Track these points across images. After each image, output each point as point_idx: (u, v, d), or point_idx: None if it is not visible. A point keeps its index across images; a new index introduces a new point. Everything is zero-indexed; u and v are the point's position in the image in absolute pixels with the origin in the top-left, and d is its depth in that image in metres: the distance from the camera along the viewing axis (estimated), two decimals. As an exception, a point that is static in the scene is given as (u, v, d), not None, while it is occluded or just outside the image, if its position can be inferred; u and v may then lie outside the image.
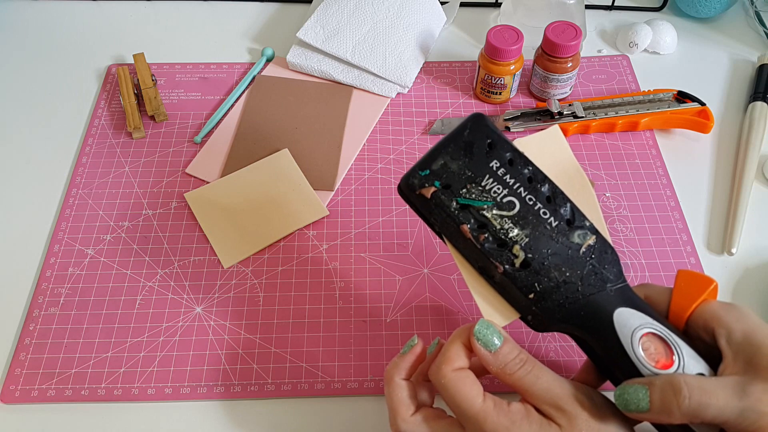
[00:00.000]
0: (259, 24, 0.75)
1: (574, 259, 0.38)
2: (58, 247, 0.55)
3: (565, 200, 0.39)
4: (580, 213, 0.39)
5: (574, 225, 0.38)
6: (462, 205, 0.38)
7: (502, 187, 0.38)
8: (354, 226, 0.56)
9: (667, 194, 0.59)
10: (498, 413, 0.35)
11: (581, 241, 0.38)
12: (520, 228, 0.37)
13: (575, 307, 0.37)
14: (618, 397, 0.35)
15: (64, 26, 0.75)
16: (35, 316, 0.51)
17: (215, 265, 0.54)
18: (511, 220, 0.38)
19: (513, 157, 0.39)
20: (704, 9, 0.72)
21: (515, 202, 0.38)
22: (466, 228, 0.37)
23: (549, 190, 0.39)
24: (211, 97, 0.67)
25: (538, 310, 0.37)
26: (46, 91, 0.68)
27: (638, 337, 0.36)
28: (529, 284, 0.37)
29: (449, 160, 0.38)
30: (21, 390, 0.48)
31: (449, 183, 0.38)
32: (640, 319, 0.37)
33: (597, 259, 0.38)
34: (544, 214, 0.38)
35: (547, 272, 0.37)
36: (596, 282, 0.38)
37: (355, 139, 0.63)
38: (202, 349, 0.49)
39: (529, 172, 0.39)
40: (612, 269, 0.38)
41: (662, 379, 0.34)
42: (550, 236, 0.38)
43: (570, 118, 0.62)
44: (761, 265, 0.54)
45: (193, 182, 0.60)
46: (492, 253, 0.37)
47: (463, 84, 0.68)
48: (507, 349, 0.37)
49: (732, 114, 0.65)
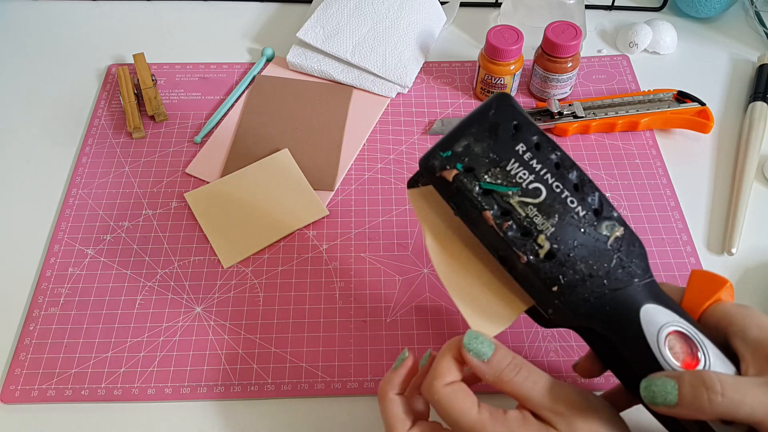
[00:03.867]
0: (259, 24, 0.75)
1: (602, 251, 0.36)
2: (58, 247, 0.55)
3: (594, 188, 0.36)
4: (608, 203, 0.37)
5: (602, 215, 0.36)
6: (485, 189, 0.36)
7: (528, 172, 0.36)
8: (354, 226, 0.56)
9: (667, 194, 0.59)
10: (494, 423, 0.35)
11: (609, 233, 0.36)
12: (546, 217, 0.35)
13: (600, 302, 0.35)
14: (644, 389, 0.34)
15: (64, 26, 0.75)
16: (35, 316, 0.51)
17: (215, 265, 0.54)
18: (536, 207, 0.36)
19: (540, 141, 0.37)
20: (704, 9, 0.72)
21: (541, 189, 0.36)
22: (489, 214, 0.36)
23: (577, 177, 0.37)
24: (211, 97, 0.67)
25: (561, 304, 0.36)
26: (46, 91, 0.68)
27: (665, 335, 0.35)
28: (553, 276, 0.35)
29: (473, 141, 0.36)
30: (21, 390, 0.48)
31: (472, 166, 0.36)
32: (667, 316, 0.35)
33: (625, 252, 0.36)
34: (571, 202, 0.36)
35: (572, 264, 0.35)
36: (623, 276, 0.36)
37: (355, 139, 0.63)
38: (202, 349, 0.49)
39: (557, 157, 0.37)
40: (640, 263, 0.36)
41: (693, 374, 0.33)
42: (577, 226, 0.36)
43: (570, 118, 0.62)
44: (761, 265, 0.54)
45: (193, 182, 0.60)
46: (515, 242, 0.35)
47: (463, 84, 0.68)
48: (500, 357, 0.36)
49: (732, 114, 0.65)
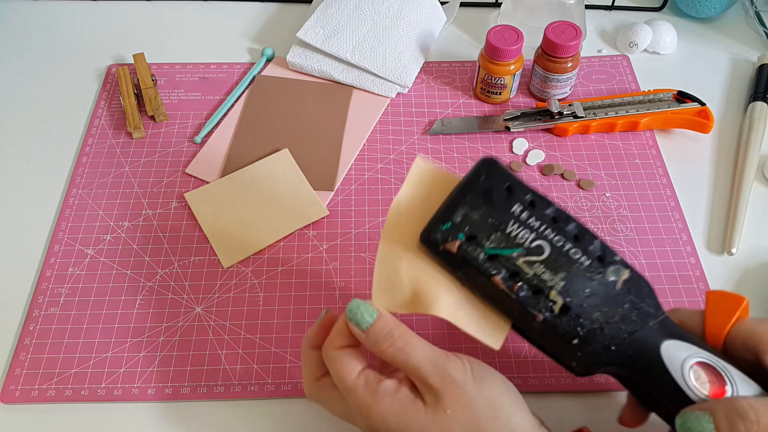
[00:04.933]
0: (259, 24, 0.75)
1: (613, 296, 0.36)
2: (58, 247, 0.55)
3: (593, 237, 0.37)
4: (609, 248, 0.37)
5: (606, 261, 0.37)
6: (490, 255, 0.36)
7: (528, 231, 0.37)
8: (354, 226, 0.56)
9: (667, 194, 0.59)
10: (366, 390, 0.36)
11: (617, 277, 0.36)
12: (554, 272, 0.36)
13: (621, 348, 0.36)
14: (680, 426, 0.34)
15: (64, 26, 0.75)
16: (35, 316, 0.51)
17: (215, 265, 0.54)
18: (543, 264, 0.36)
19: (533, 199, 0.37)
20: (704, 9, 0.72)
21: (544, 245, 0.36)
22: (498, 279, 0.36)
23: (575, 228, 0.37)
24: (211, 97, 0.67)
25: (584, 356, 0.36)
26: (46, 91, 0.68)
27: (688, 367, 0.35)
28: (571, 329, 0.35)
29: (469, 209, 0.37)
30: (21, 390, 0.48)
31: (474, 234, 0.37)
32: (687, 349, 0.36)
33: (635, 293, 0.37)
34: (574, 254, 0.36)
35: (588, 314, 0.35)
36: (638, 318, 0.36)
37: (355, 139, 0.63)
38: (202, 349, 0.49)
39: (552, 211, 0.37)
40: (651, 302, 0.37)
41: (724, 404, 0.33)
42: (585, 276, 0.36)
43: (570, 118, 0.62)
44: (761, 265, 0.54)
45: (193, 182, 0.60)
46: (528, 301, 0.35)
47: (463, 84, 0.68)
48: (378, 327, 0.36)
49: (732, 114, 0.65)
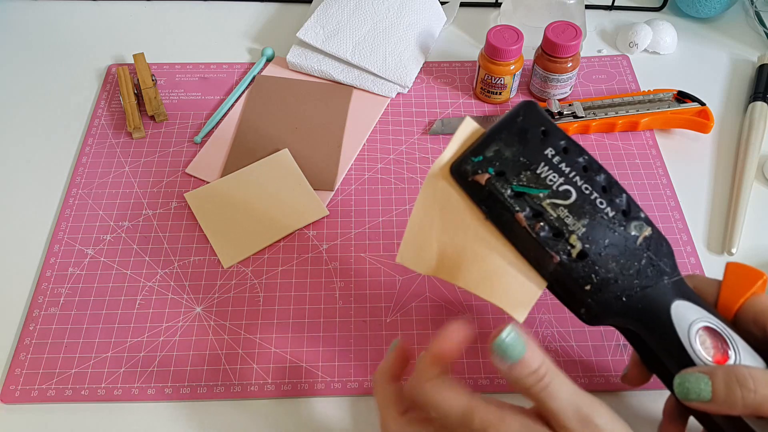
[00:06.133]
0: (259, 24, 0.75)
1: (632, 250, 0.37)
2: (58, 247, 0.55)
3: (621, 190, 0.38)
4: (635, 204, 0.38)
5: (630, 216, 0.37)
6: (517, 192, 0.37)
7: (557, 175, 0.37)
8: (354, 226, 0.56)
9: (667, 194, 0.59)
10: (487, 409, 0.34)
11: (638, 233, 0.37)
12: (577, 218, 0.36)
13: (632, 300, 0.36)
14: (678, 385, 0.34)
15: (64, 26, 0.75)
16: (35, 316, 0.51)
17: (215, 265, 0.54)
18: (567, 209, 0.37)
19: (568, 146, 0.38)
20: (704, 9, 0.72)
21: (571, 191, 0.37)
22: (522, 216, 0.36)
23: (605, 179, 0.38)
24: (211, 97, 0.67)
25: (594, 303, 0.36)
26: (46, 91, 0.68)
27: (695, 331, 0.36)
28: (585, 275, 0.36)
29: (503, 146, 0.37)
30: (21, 390, 0.48)
31: (503, 170, 0.37)
32: (696, 312, 0.36)
33: (654, 251, 0.37)
34: (600, 203, 0.37)
35: (604, 263, 0.36)
36: (653, 274, 0.37)
37: (355, 139, 0.63)
38: (202, 349, 0.49)
39: (585, 161, 0.38)
40: (668, 261, 0.37)
41: (725, 370, 0.33)
42: (607, 226, 0.37)
43: (570, 118, 0.62)
44: (761, 265, 0.54)
45: (193, 182, 0.60)
46: (548, 242, 0.36)
47: (463, 84, 0.68)
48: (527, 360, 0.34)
49: (732, 114, 0.65)
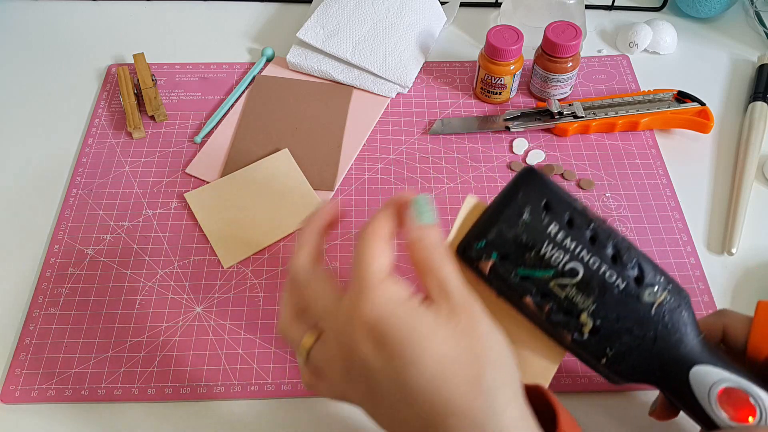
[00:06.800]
0: (259, 24, 0.75)
1: (646, 319, 0.36)
2: (58, 247, 0.55)
3: (632, 256, 0.36)
4: (650, 266, 0.37)
5: (644, 283, 0.36)
6: (522, 276, 0.36)
7: (563, 253, 0.36)
8: (354, 226, 0.56)
9: (667, 194, 0.59)
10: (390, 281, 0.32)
11: (651, 300, 0.36)
12: (586, 295, 0.36)
13: (650, 368, 0.36)
14: None
15: (64, 26, 0.75)
16: (35, 316, 0.51)
17: (215, 265, 0.54)
18: (575, 287, 0.36)
19: (572, 216, 0.37)
20: (704, 9, 0.72)
21: (578, 268, 0.36)
22: (529, 300, 0.36)
23: (613, 248, 0.37)
24: (211, 97, 0.67)
25: (611, 373, 0.37)
26: (46, 91, 0.68)
27: (716, 394, 0.35)
28: (600, 350, 0.36)
29: (505, 228, 0.37)
30: (21, 390, 0.48)
31: (507, 253, 0.36)
32: (716, 374, 0.36)
33: (669, 316, 0.36)
34: (610, 276, 0.36)
35: (618, 336, 0.36)
36: (670, 340, 0.36)
37: (355, 139, 0.63)
38: (202, 349, 0.49)
39: (592, 231, 0.37)
40: (686, 325, 0.36)
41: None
42: (619, 299, 0.36)
43: (570, 118, 0.62)
44: (761, 265, 0.54)
45: (193, 182, 0.60)
46: (558, 323, 0.36)
47: (463, 84, 0.68)
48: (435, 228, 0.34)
49: (732, 114, 0.65)
